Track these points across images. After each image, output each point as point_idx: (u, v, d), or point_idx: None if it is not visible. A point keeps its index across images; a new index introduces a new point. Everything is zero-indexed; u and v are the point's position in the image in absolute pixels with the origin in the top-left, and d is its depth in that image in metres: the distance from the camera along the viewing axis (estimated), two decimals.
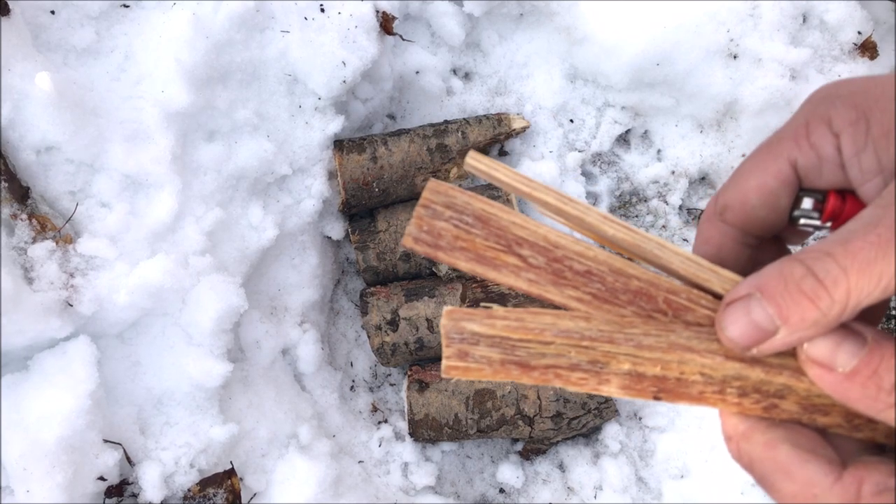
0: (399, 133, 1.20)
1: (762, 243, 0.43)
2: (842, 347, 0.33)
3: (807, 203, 0.39)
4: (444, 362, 0.37)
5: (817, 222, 0.40)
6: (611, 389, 0.37)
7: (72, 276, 0.93)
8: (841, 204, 0.39)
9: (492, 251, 0.37)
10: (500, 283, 0.37)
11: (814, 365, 0.34)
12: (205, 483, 0.98)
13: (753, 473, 0.36)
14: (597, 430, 1.21)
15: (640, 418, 1.22)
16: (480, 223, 0.37)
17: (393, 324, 1.17)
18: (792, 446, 0.34)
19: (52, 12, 1.00)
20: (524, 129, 1.24)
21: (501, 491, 1.22)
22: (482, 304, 0.43)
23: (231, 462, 1.02)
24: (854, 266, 0.31)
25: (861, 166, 0.36)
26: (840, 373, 0.33)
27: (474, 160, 0.38)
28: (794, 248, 0.44)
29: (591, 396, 1.14)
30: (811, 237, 0.43)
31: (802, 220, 0.40)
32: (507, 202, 1.18)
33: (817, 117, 0.37)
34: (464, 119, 1.21)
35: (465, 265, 0.37)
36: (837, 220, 0.39)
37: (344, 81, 1.11)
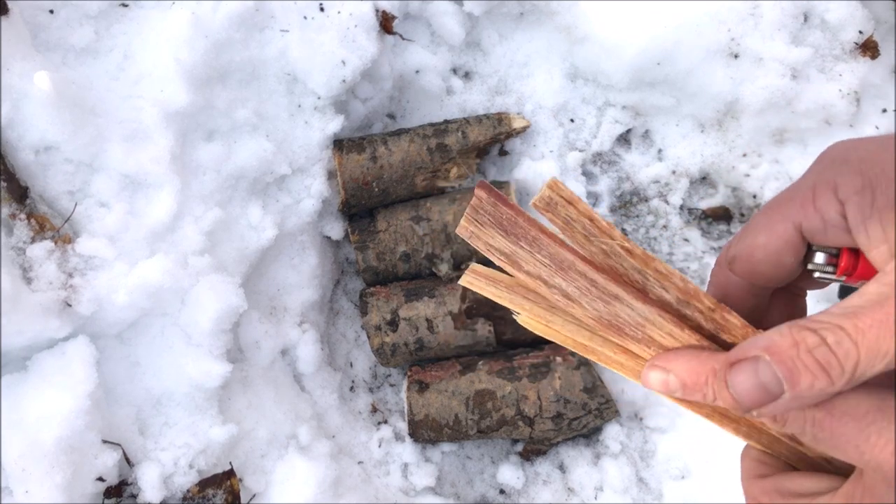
0: (399, 133, 1.19)
1: (773, 292, 0.45)
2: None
3: (819, 258, 0.41)
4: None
5: (832, 276, 0.42)
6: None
7: (71, 276, 0.93)
8: (854, 261, 0.40)
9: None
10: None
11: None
12: (204, 484, 0.98)
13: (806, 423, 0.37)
14: (597, 430, 1.21)
15: (641, 419, 1.22)
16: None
17: (393, 324, 1.17)
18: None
19: (51, 11, 0.99)
20: (524, 128, 1.23)
21: (502, 492, 1.22)
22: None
23: (230, 463, 1.01)
24: (864, 342, 0.33)
25: (868, 233, 0.37)
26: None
27: (472, 276, 0.43)
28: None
29: (591, 397, 1.14)
30: (827, 286, 0.45)
31: (817, 274, 0.42)
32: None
33: (824, 182, 0.38)
34: (464, 118, 1.21)
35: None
36: (852, 275, 0.41)
37: (343, 81, 1.11)
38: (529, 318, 0.44)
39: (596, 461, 1.20)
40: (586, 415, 1.15)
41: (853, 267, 0.40)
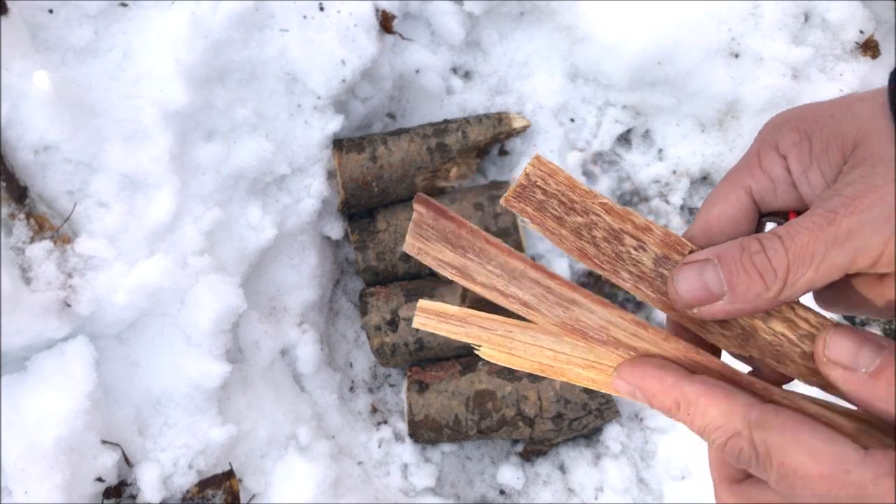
0: (399, 132, 1.19)
1: None
2: (862, 350, 0.35)
3: (769, 227, 0.41)
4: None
5: None
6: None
7: (70, 276, 0.93)
8: None
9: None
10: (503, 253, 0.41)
11: (836, 366, 0.36)
12: (204, 484, 0.98)
13: (772, 463, 0.34)
14: (598, 431, 1.20)
15: (642, 419, 1.22)
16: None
17: (392, 324, 1.16)
18: (811, 426, 0.34)
19: (51, 11, 0.99)
20: (525, 128, 1.23)
21: (502, 492, 1.21)
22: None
23: (230, 463, 1.01)
24: (792, 248, 0.35)
25: (809, 182, 0.39)
26: (863, 373, 0.35)
27: (423, 315, 0.43)
28: None
29: (591, 397, 1.14)
30: None
31: None
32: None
33: (766, 144, 0.42)
34: (464, 118, 1.21)
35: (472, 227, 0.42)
36: None
37: (343, 80, 1.11)
38: (491, 350, 0.43)
39: (596, 462, 1.20)
40: (586, 415, 1.15)
41: None
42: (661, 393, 0.38)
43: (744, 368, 0.42)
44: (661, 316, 1.23)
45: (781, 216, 0.42)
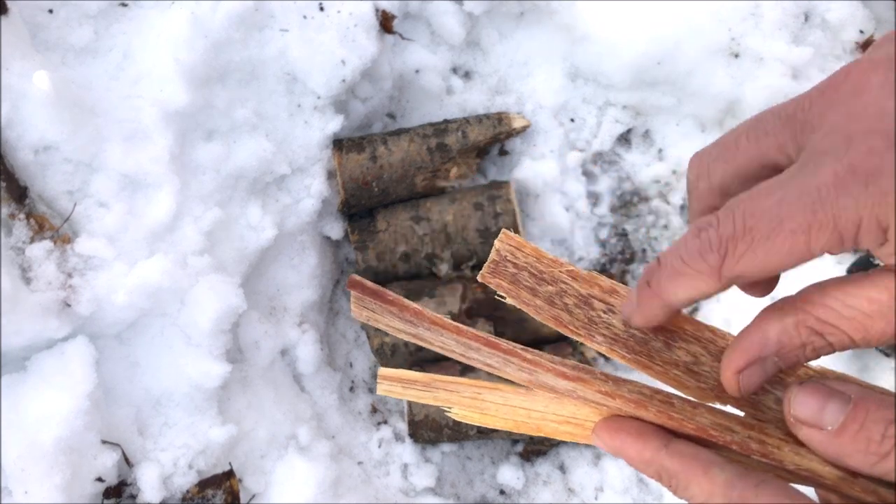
0: (399, 132, 1.19)
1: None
2: (828, 406, 0.34)
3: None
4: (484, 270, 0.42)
5: None
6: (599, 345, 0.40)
7: (70, 276, 0.93)
8: None
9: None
10: (443, 325, 0.41)
11: (802, 426, 0.35)
12: (204, 484, 0.98)
13: None
14: None
15: None
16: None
17: None
18: (791, 499, 0.34)
19: (51, 11, 0.99)
20: (525, 128, 1.23)
21: (502, 492, 1.21)
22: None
23: (230, 463, 1.01)
24: (726, 229, 0.33)
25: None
26: (829, 430, 0.34)
27: (386, 383, 0.43)
28: None
29: None
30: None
31: None
32: (508, 202, 1.18)
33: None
34: (464, 118, 1.21)
35: (411, 304, 0.41)
36: None
37: (343, 80, 1.11)
38: (462, 411, 0.43)
39: (596, 462, 1.20)
40: None
41: None
42: (643, 465, 0.38)
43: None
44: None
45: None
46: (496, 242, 0.42)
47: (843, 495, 0.36)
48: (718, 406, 0.40)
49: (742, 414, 0.40)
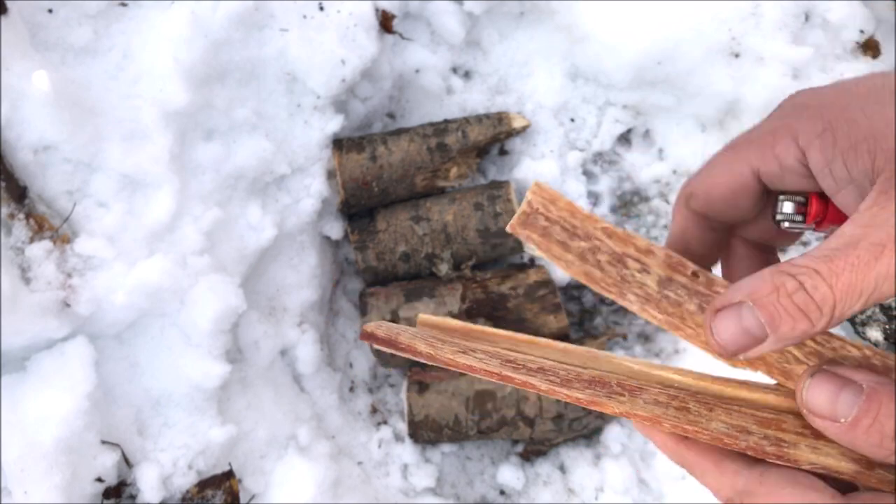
0: (399, 132, 1.19)
1: (731, 229, 0.46)
2: (840, 398, 0.35)
3: (788, 207, 0.41)
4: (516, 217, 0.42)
5: (801, 225, 0.41)
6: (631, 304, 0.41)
7: (69, 276, 0.93)
8: (824, 207, 0.40)
9: (448, 348, 0.41)
10: (458, 366, 0.41)
11: (815, 417, 0.36)
12: (203, 484, 0.98)
13: None
14: (598, 431, 1.20)
15: None
16: (432, 335, 0.42)
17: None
18: (794, 487, 0.36)
19: (50, 11, 0.99)
20: (525, 128, 1.23)
21: (502, 493, 1.21)
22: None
23: (230, 463, 1.01)
24: (839, 285, 0.33)
25: (833, 176, 0.37)
26: (843, 423, 0.35)
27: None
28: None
29: None
30: (798, 237, 0.46)
31: (786, 224, 0.41)
32: (508, 202, 1.18)
33: (784, 128, 0.39)
34: (464, 118, 1.21)
35: (425, 349, 0.41)
36: (821, 223, 0.41)
37: (343, 80, 1.10)
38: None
39: (597, 462, 1.20)
40: (587, 415, 1.15)
41: (823, 213, 0.40)
42: (668, 452, 0.40)
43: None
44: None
45: (800, 196, 0.41)
46: (528, 193, 0.41)
47: (863, 486, 0.36)
48: (749, 371, 0.41)
49: (774, 382, 0.40)
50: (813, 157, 0.38)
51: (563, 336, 1.19)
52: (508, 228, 0.42)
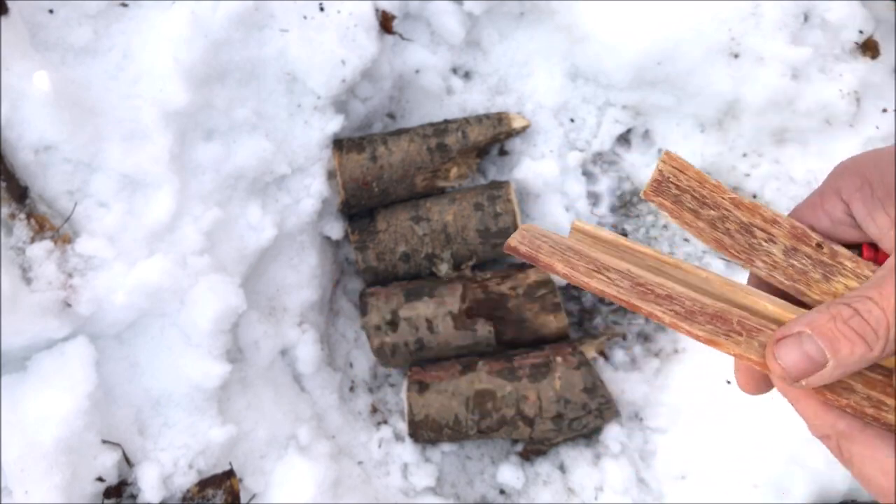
0: (399, 132, 1.19)
1: None
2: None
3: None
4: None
5: None
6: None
7: (70, 276, 0.93)
8: (874, 253, 0.44)
9: (583, 268, 0.42)
10: (591, 289, 0.42)
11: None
12: (204, 484, 0.98)
13: (852, 469, 0.40)
14: (597, 431, 1.20)
15: (642, 419, 1.22)
16: (572, 251, 0.43)
17: (393, 324, 1.16)
18: (888, 446, 0.38)
19: (51, 11, 0.99)
20: (525, 128, 1.23)
21: (502, 492, 1.21)
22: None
23: (230, 463, 1.01)
24: (890, 307, 0.37)
25: (876, 223, 0.42)
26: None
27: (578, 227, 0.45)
28: None
29: (591, 397, 1.14)
30: None
31: None
32: (508, 202, 1.18)
33: (829, 189, 0.45)
34: (464, 118, 1.21)
35: (562, 269, 0.42)
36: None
37: (343, 80, 1.11)
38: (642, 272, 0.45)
39: (596, 461, 1.20)
40: (586, 415, 1.15)
41: (873, 258, 0.44)
42: (776, 383, 0.43)
43: None
44: None
45: (855, 247, 0.44)
46: (658, 163, 0.44)
47: None
48: None
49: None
50: (856, 208, 0.43)
51: (562, 336, 1.19)
52: (642, 195, 0.44)
